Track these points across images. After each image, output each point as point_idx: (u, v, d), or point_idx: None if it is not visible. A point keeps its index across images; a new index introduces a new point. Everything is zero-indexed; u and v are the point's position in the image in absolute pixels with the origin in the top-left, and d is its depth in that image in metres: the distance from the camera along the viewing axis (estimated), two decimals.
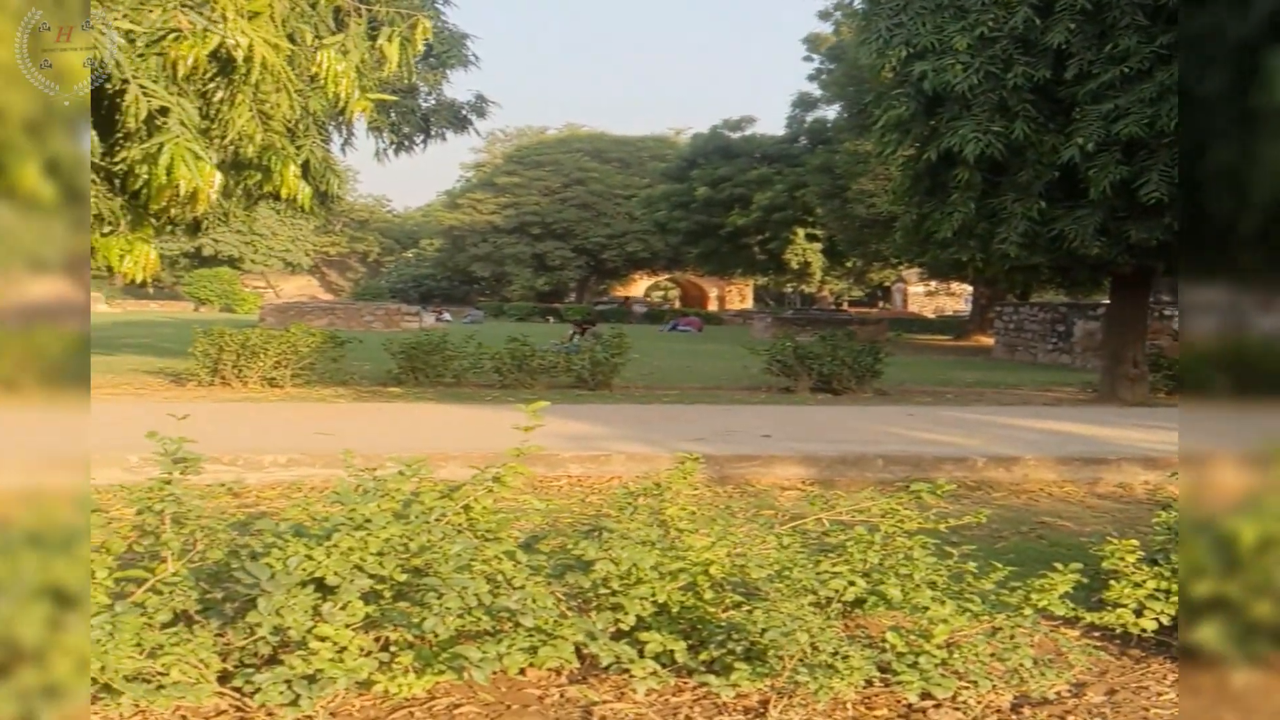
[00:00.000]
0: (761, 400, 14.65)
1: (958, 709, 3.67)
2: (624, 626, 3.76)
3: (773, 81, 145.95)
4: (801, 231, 48.85)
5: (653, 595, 3.85)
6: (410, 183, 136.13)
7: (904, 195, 15.60)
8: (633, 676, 3.63)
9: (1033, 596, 4.03)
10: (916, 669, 3.68)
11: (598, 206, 61.92)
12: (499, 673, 3.59)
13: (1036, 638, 4.02)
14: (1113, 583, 4.57)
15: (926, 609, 3.93)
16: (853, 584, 4.09)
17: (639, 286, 69.39)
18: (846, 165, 34.50)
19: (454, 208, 67.42)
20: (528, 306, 57.95)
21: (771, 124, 75.66)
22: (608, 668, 3.73)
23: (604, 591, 3.87)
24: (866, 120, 19.97)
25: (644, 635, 3.75)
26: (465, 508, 4.16)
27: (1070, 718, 3.68)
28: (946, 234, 13.77)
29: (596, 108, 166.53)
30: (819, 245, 49.37)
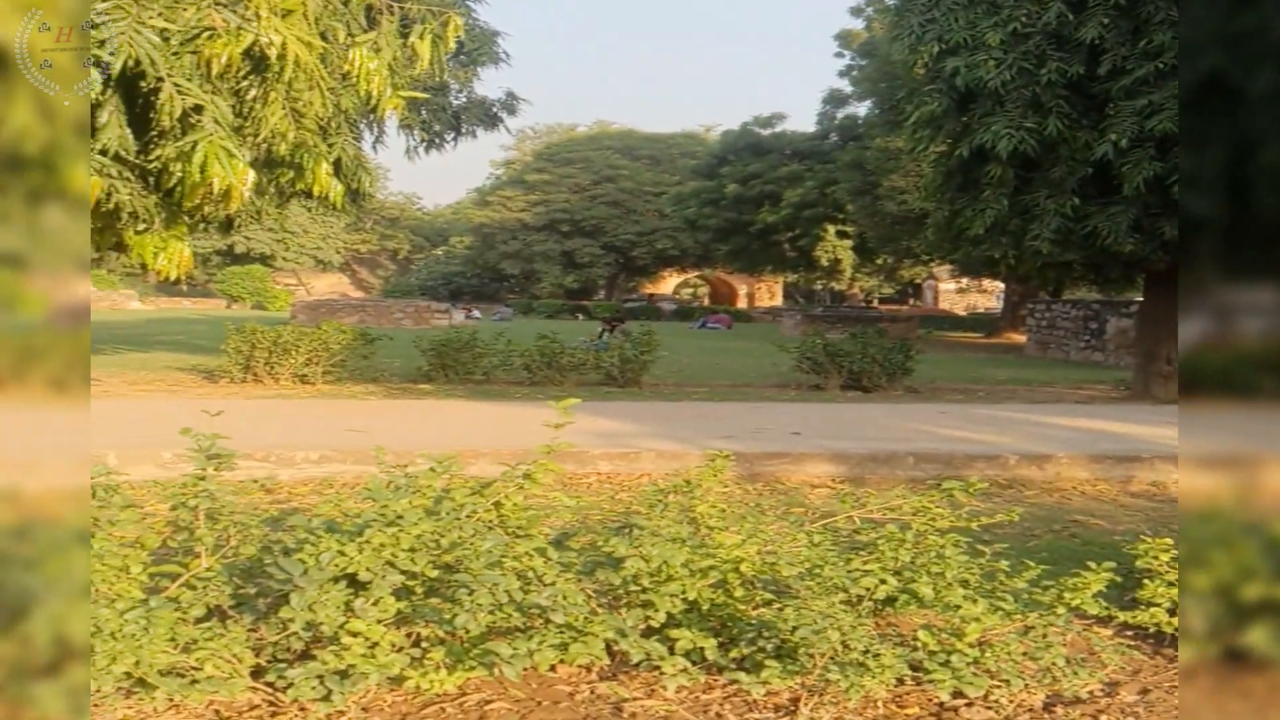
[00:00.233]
0: (791, 398, 14.61)
1: (989, 708, 3.65)
2: (654, 624, 3.76)
3: (804, 78, 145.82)
4: (832, 228, 48.68)
5: (683, 592, 3.85)
6: (440, 180, 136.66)
7: (936, 192, 15.51)
8: (663, 674, 3.63)
9: (1065, 595, 4.01)
10: (948, 667, 3.66)
11: (627, 204, 61.90)
12: (529, 669, 3.60)
13: (1069, 637, 3.99)
14: (1146, 582, 4.53)
15: (958, 607, 3.91)
16: (884, 582, 4.07)
17: (668, 284, 69.34)
18: (877, 162, 34.36)
19: (484, 205, 67.59)
20: (557, 304, 58.02)
21: (802, 121, 75.67)
22: (638, 665, 3.73)
23: (634, 589, 3.87)
24: (898, 116, 19.89)
25: (674, 632, 3.75)
26: (496, 504, 4.17)
27: (1103, 717, 3.66)
28: (979, 231, 13.69)
29: (627, 105, 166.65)
30: (849, 242, 49.17)
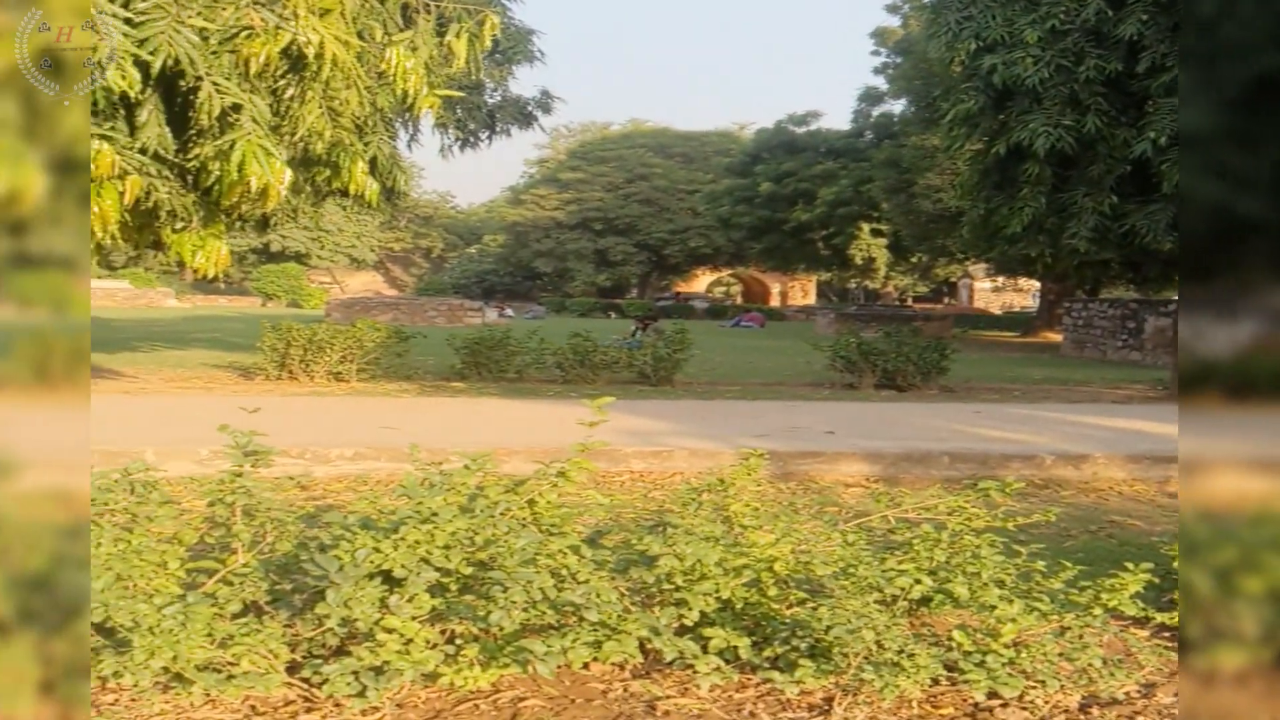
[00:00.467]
0: (825, 396, 14.56)
1: (1025, 708, 3.63)
2: (687, 622, 3.76)
3: (839, 76, 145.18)
4: (866, 227, 48.53)
5: (716, 591, 3.84)
6: (474, 179, 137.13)
7: (972, 190, 15.42)
8: (696, 672, 3.62)
9: (1102, 596, 3.97)
10: (983, 668, 3.63)
11: (661, 202, 61.88)
12: (563, 667, 3.60)
13: (1106, 637, 3.96)
14: None
15: (994, 608, 3.88)
16: (919, 582, 4.04)
17: (701, 282, 69.27)
18: (913, 160, 34.22)
19: (517, 203, 67.78)
20: (589, 302, 58.12)
21: (837, 119, 75.40)
22: (671, 663, 3.73)
23: (668, 587, 3.86)
24: (934, 114, 19.80)
25: (708, 631, 3.74)
26: (530, 502, 4.18)
27: (1139, 718, 3.62)
28: (1015, 229, 13.60)
29: (661, 103, 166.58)
30: (884, 240, 49.01)
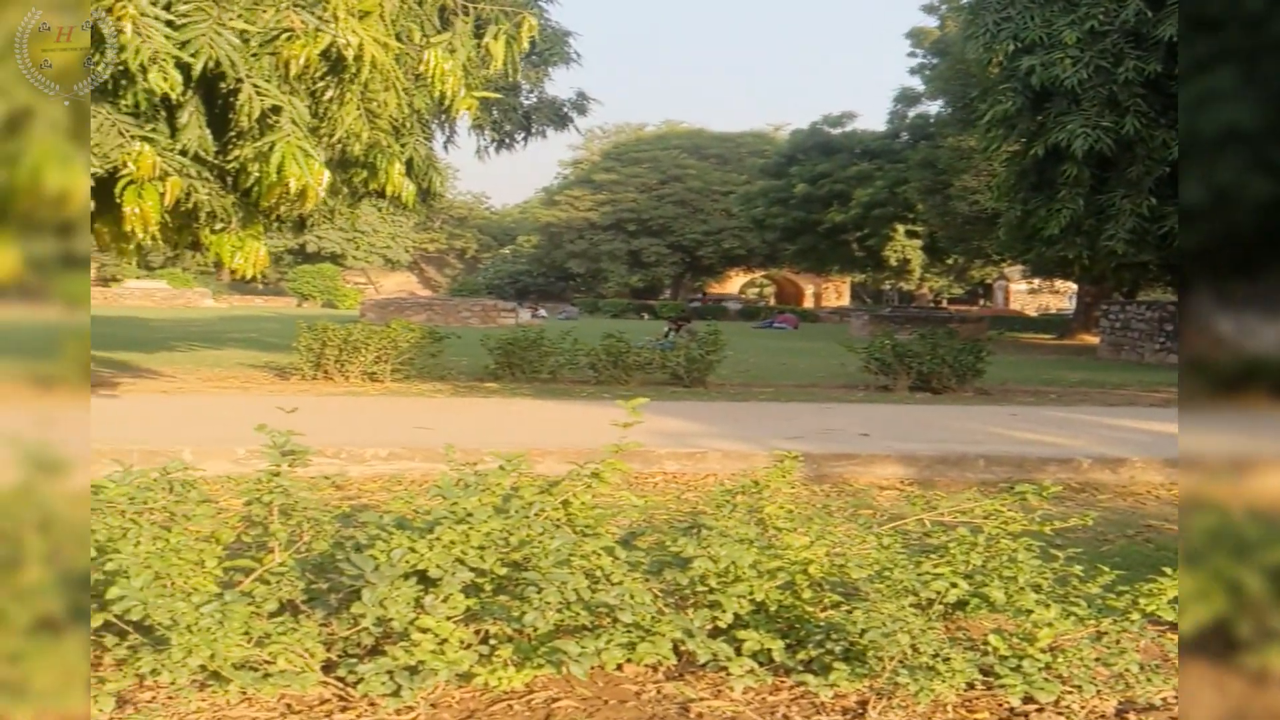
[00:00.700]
0: (859, 399, 14.50)
1: (1060, 714, 3.60)
2: (721, 624, 3.75)
3: (874, 77, 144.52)
4: (901, 228, 48.37)
5: (750, 593, 3.83)
6: (508, 180, 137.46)
7: (1009, 191, 15.36)
8: (730, 674, 3.62)
9: (1140, 601, 3.93)
10: (1019, 672, 3.61)
11: (695, 203, 61.87)
12: (597, 668, 3.60)
13: (1143, 643, 3.92)
14: None
15: (1030, 612, 3.85)
16: (955, 585, 4.02)
17: (734, 283, 69.20)
18: (949, 161, 34.06)
19: (551, 204, 67.96)
20: (622, 303, 58.17)
21: (873, 119, 75.06)
22: (704, 665, 3.72)
23: (701, 589, 3.86)
24: (971, 115, 19.71)
25: (741, 633, 3.73)
26: (564, 503, 4.18)
27: None
28: (1053, 231, 13.54)
29: (696, 104, 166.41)
30: (919, 242, 48.83)
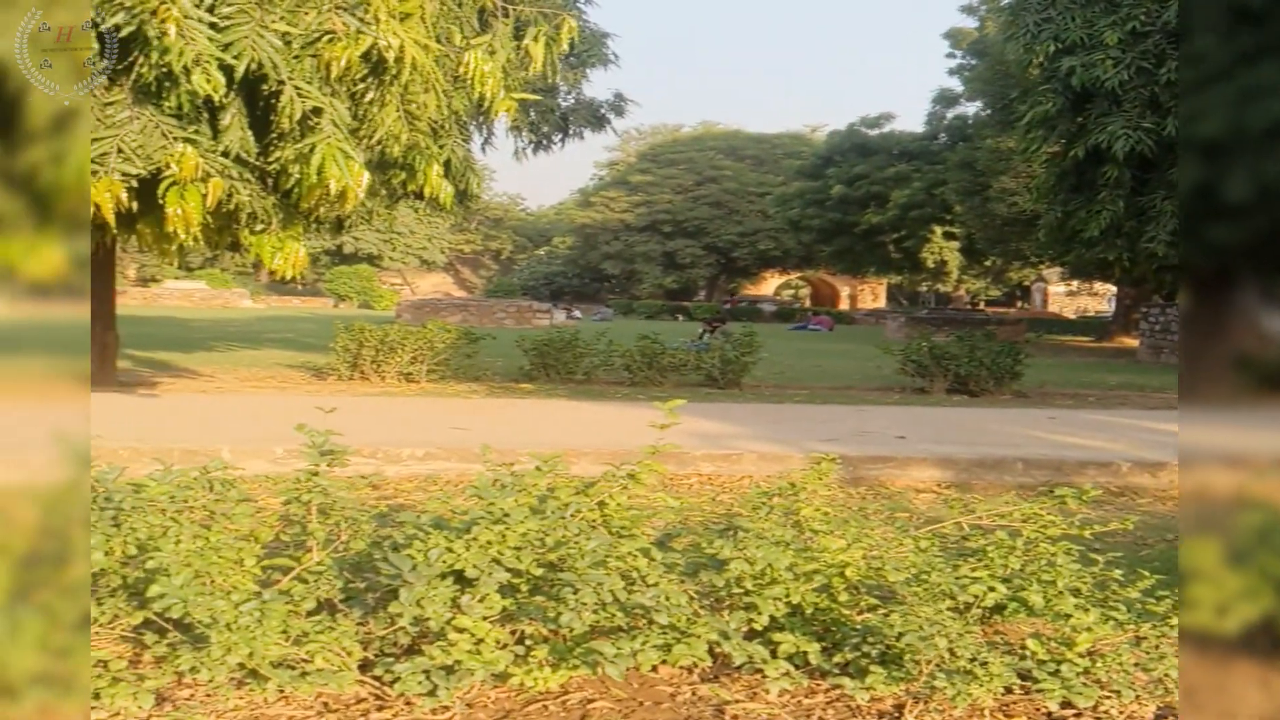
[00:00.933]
0: (895, 401, 14.43)
1: (1099, 718, 3.57)
2: (757, 626, 3.74)
3: (912, 78, 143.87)
4: (939, 230, 48.06)
5: (786, 596, 3.82)
6: (544, 181, 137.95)
7: (1048, 193, 15.24)
8: (765, 677, 3.61)
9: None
10: (1058, 677, 3.59)
11: (730, 204, 61.75)
12: (632, 669, 3.60)
13: None
14: None
15: (1069, 616, 3.83)
16: (993, 589, 4.00)
17: (769, 285, 69.03)
18: (988, 162, 33.83)
19: (586, 206, 68.01)
20: (657, 305, 58.13)
21: (911, 121, 74.66)
22: (740, 667, 3.72)
23: (737, 591, 3.85)
24: (1010, 116, 19.60)
25: (777, 636, 3.73)
26: (600, 504, 4.19)
27: None
28: (1093, 233, 13.43)
29: (732, 105, 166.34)
30: (956, 244, 48.49)
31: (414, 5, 6.33)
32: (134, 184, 6.72)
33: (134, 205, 6.89)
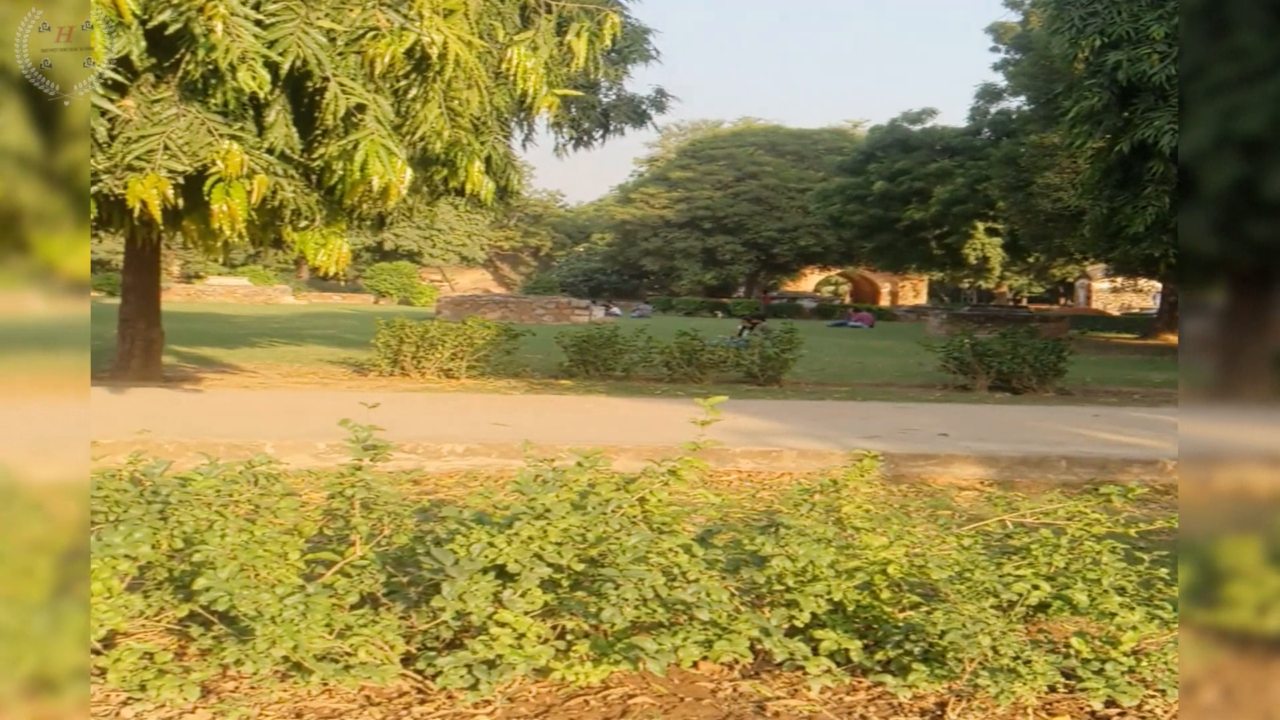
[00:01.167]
0: (937, 398, 14.35)
1: (1143, 717, 3.53)
2: (798, 623, 3.73)
3: (956, 73, 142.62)
4: (981, 226, 47.72)
5: (828, 593, 3.81)
6: (583, 177, 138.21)
7: (1093, 189, 15.10)
8: (807, 674, 3.60)
9: None
10: (1102, 675, 3.56)
11: (770, 200, 61.59)
12: (673, 665, 3.60)
13: None
14: None
15: (1114, 615, 3.79)
16: (1037, 588, 3.96)
17: (809, 281, 68.80)
18: (1032, 158, 33.55)
19: (626, 202, 68.06)
20: (696, 301, 58.05)
21: (953, 116, 74.07)
22: (781, 664, 3.71)
23: (778, 588, 3.84)
24: (1055, 112, 19.39)
25: (818, 633, 3.71)
26: (641, 500, 4.19)
27: None
28: (1138, 228, 13.30)
29: (773, 101, 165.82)
30: (999, 240, 48.13)
31: (458, 1, 6.35)
32: (180, 181, 6.78)
33: (180, 202, 6.95)
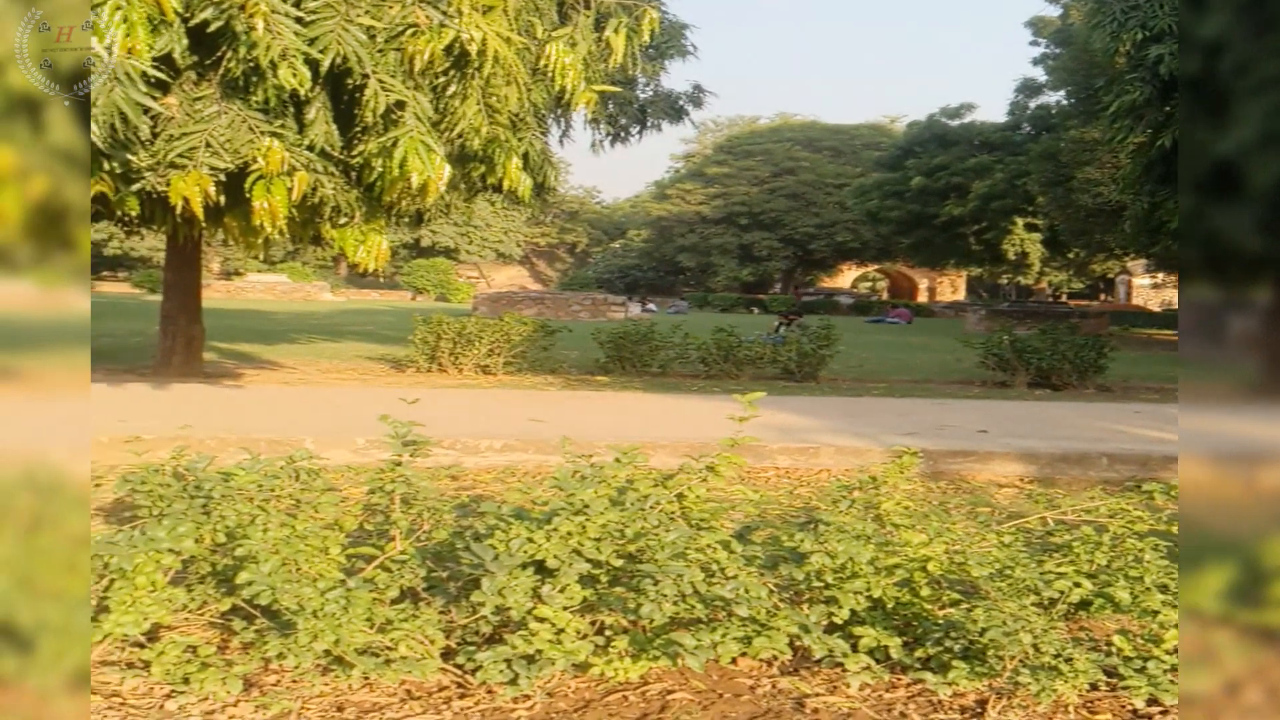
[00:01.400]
0: (976, 395, 14.25)
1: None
2: (837, 620, 3.72)
3: (994, 68, 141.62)
4: (1020, 221, 47.36)
5: (867, 590, 3.80)
6: (619, 174, 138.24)
7: (1135, 184, 14.95)
8: (846, 671, 3.60)
9: None
10: (1144, 674, 3.53)
11: (807, 196, 61.39)
12: (712, 661, 3.60)
13: None
14: None
15: (1157, 613, 3.76)
16: (1078, 585, 3.94)
17: (846, 277, 68.51)
18: (1072, 153, 33.20)
19: (662, 198, 68.04)
20: (732, 297, 57.95)
21: (992, 111, 73.60)
22: (820, 661, 3.71)
23: (817, 584, 3.83)
24: (1095, 106, 19.24)
25: (858, 630, 3.71)
26: (679, 496, 4.19)
27: None
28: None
29: (810, 96, 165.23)
30: (1038, 235, 47.75)
31: None
32: (221, 178, 6.84)
33: (221, 199, 7.01)
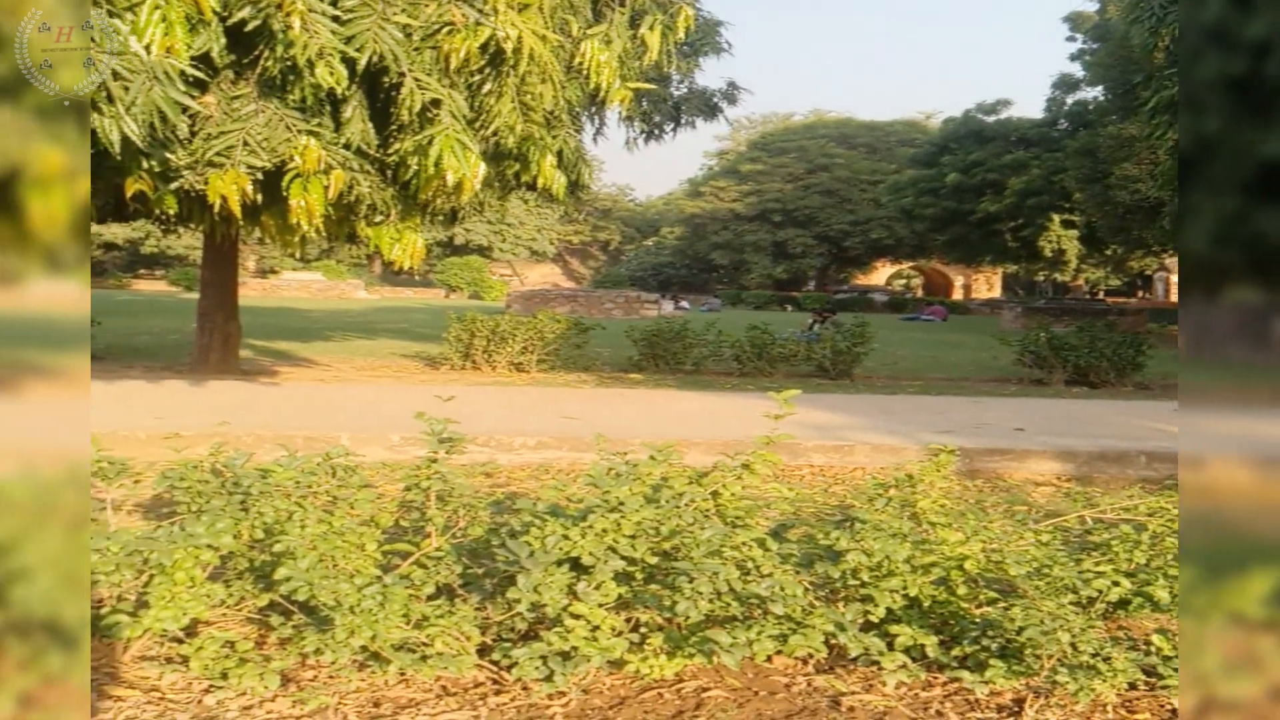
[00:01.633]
0: (1012, 393, 14.15)
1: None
2: (873, 618, 3.71)
3: (1031, 63, 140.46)
4: (1057, 218, 46.97)
5: (904, 588, 3.78)
6: (653, 171, 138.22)
7: (1173, 180, 14.77)
8: (882, 669, 3.59)
9: None
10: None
11: (842, 193, 61.17)
12: (747, 659, 3.60)
13: None
14: None
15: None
16: (1117, 584, 3.91)
17: (880, 275, 68.20)
18: (1109, 149, 32.90)
19: (696, 196, 67.98)
20: (765, 295, 57.81)
21: (1029, 107, 73.08)
22: (856, 659, 3.69)
23: (853, 582, 3.82)
24: (1133, 102, 19.04)
25: (894, 628, 3.69)
26: (714, 494, 4.19)
27: None
28: None
29: (845, 92, 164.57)
30: (1075, 232, 47.34)
31: None
32: (259, 176, 6.88)
33: (258, 198, 7.06)
